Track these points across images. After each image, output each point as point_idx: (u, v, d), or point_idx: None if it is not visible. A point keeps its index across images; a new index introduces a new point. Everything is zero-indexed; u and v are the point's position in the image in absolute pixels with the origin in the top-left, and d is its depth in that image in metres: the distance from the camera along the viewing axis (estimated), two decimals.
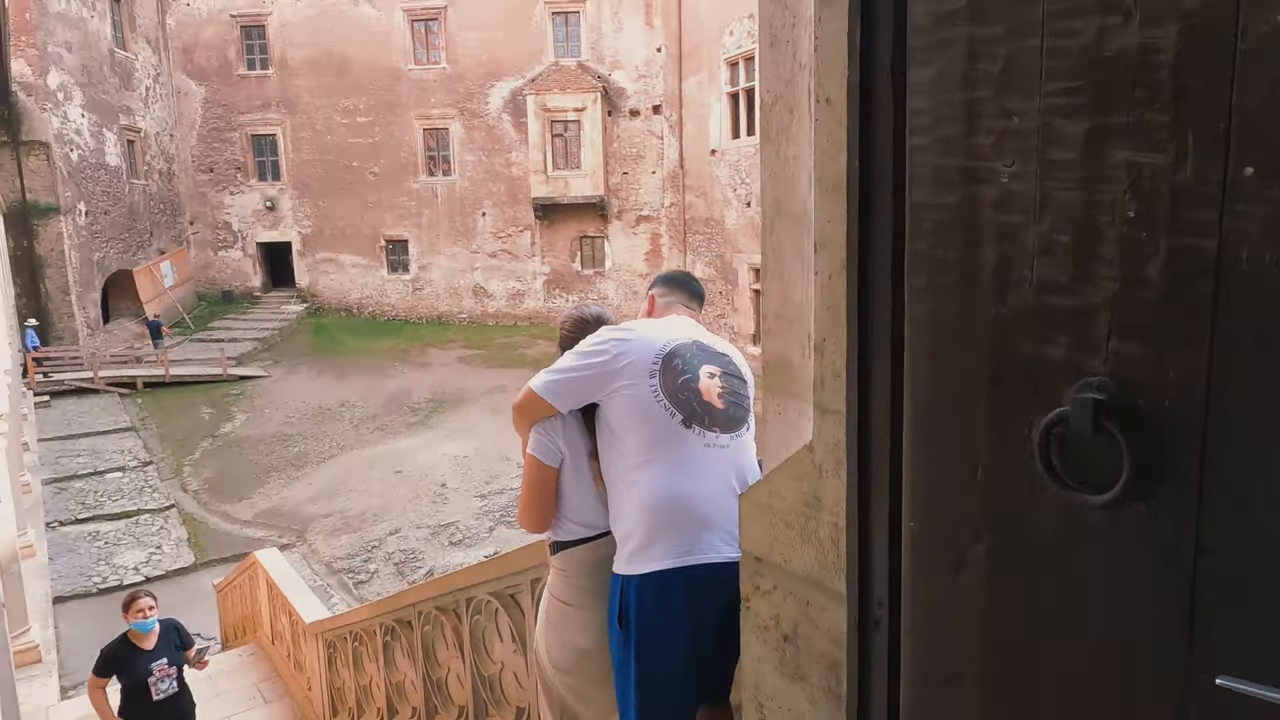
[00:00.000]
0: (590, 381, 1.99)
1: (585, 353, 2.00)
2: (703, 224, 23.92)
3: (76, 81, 22.72)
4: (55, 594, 10.81)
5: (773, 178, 1.37)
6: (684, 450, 1.92)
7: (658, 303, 2.32)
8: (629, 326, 2.10)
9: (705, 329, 2.23)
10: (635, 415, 1.95)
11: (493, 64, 26.38)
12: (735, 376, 2.09)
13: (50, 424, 18.31)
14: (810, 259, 1.25)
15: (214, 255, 28.95)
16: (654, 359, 1.98)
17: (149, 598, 4.93)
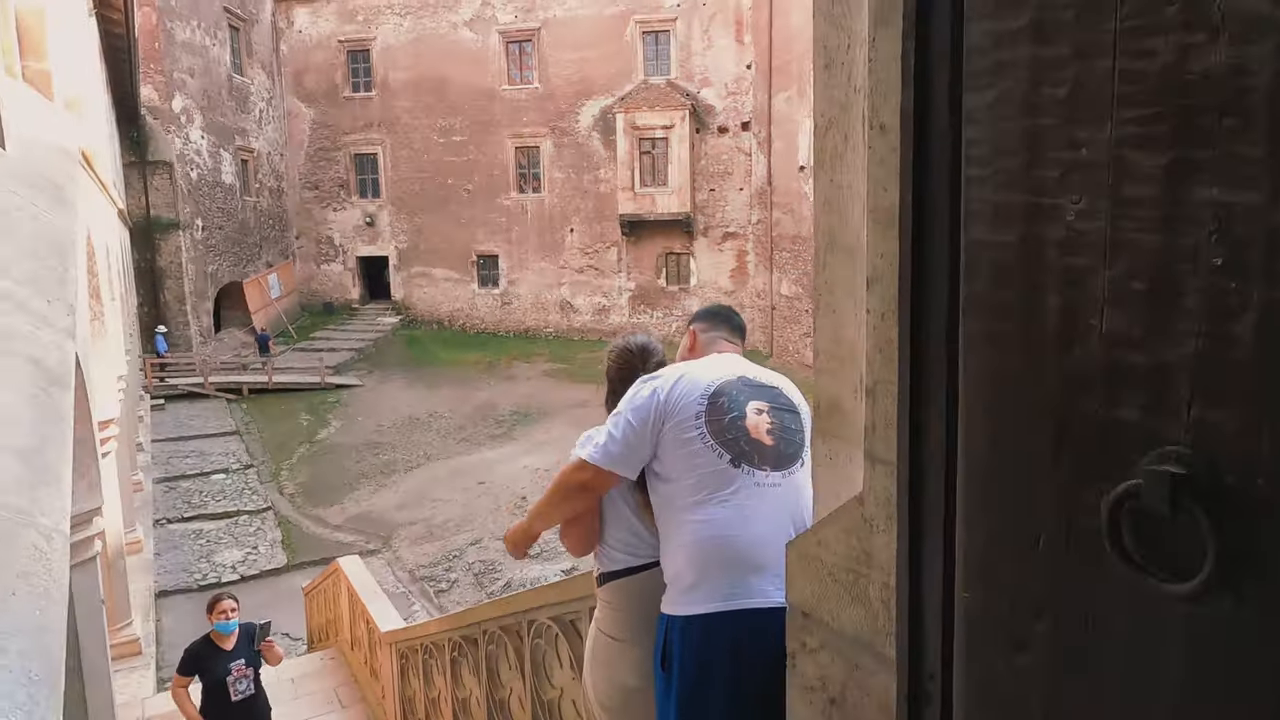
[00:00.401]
0: (649, 436, 1.94)
1: (635, 407, 1.95)
2: (790, 241, 23.61)
3: (198, 105, 24.26)
4: (159, 588, 11.43)
5: (826, 207, 1.29)
6: (733, 491, 1.85)
7: (699, 338, 2.26)
8: (671, 370, 2.04)
9: (750, 362, 2.16)
10: (682, 459, 1.89)
11: (583, 83, 26.82)
12: (785, 410, 2.01)
13: (164, 426, 19.46)
14: (862, 296, 1.16)
15: (317, 268, 30.33)
16: (699, 400, 1.93)
17: (231, 599, 5.12)
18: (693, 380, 1.96)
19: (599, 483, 1.98)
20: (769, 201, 24.67)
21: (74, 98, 6.77)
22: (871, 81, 1.11)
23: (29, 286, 2.80)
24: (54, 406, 2.41)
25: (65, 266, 3.09)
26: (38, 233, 3.12)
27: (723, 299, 26.41)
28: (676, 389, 1.94)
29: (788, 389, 2.08)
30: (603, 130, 26.83)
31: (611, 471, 1.94)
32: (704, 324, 2.29)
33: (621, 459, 1.93)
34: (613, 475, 1.95)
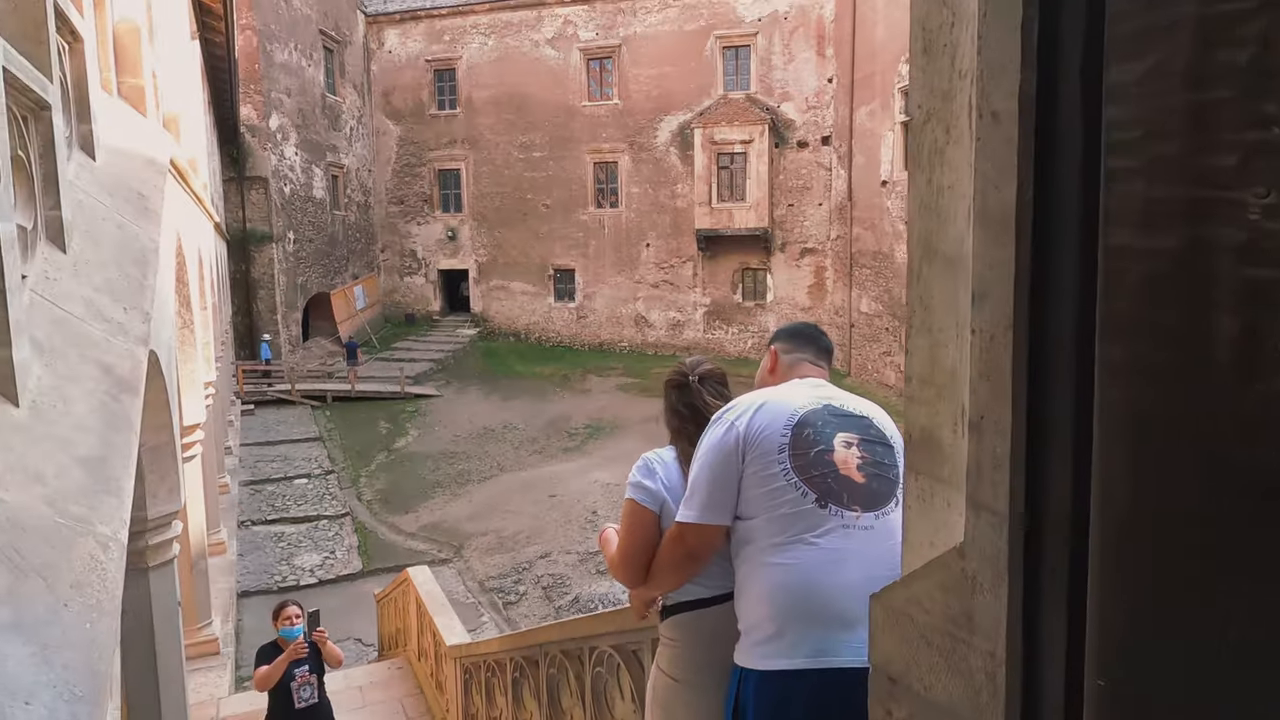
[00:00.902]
0: (734, 475, 1.78)
1: (711, 448, 1.80)
2: (870, 257, 23.06)
3: (293, 123, 25.30)
4: (241, 589, 11.78)
5: (923, 210, 1.12)
6: (820, 534, 1.67)
7: (781, 360, 2.09)
8: (749, 398, 1.87)
9: (836, 387, 1.98)
10: (764, 497, 1.73)
11: (662, 98, 26.89)
12: (877, 443, 1.81)
13: (252, 430, 20.22)
14: (967, 313, 0.99)
15: (400, 280, 31.18)
16: (782, 431, 1.75)
17: (295, 606, 5.17)
18: (774, 409, 1.79)
19: (704, 541, 1.80)
20: (849, 217, 24.17)
21: (172, 114, 7.08)
22: (981, 63, 0.95)
23: (107, 294, 2.84)
24: (122, 414, 2.42)
25: (144, 275, 3.14)
26: (121, 241, 3.17)
27: (799, 315, 25.99)
28: (757, 420, 1.78)
29: (879, 418, 1.88)
30: (680, 145, 26.82)
31: (715, 525, 1.77)
32: (786, 344, 2.11)
33: (715, 507, 1.77)
34: (717, 529, 1.78)
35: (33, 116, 2.68)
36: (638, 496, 2.00)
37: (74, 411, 2.26)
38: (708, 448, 1.80)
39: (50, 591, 1.78)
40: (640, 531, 1.96)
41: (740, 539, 1.78)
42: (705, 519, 1.77)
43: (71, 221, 2.90)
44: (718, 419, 1.84)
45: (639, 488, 2.01)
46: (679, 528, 1.81)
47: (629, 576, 1.99)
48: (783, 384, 1.96)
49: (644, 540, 1.94)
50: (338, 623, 11.24)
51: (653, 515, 1.97)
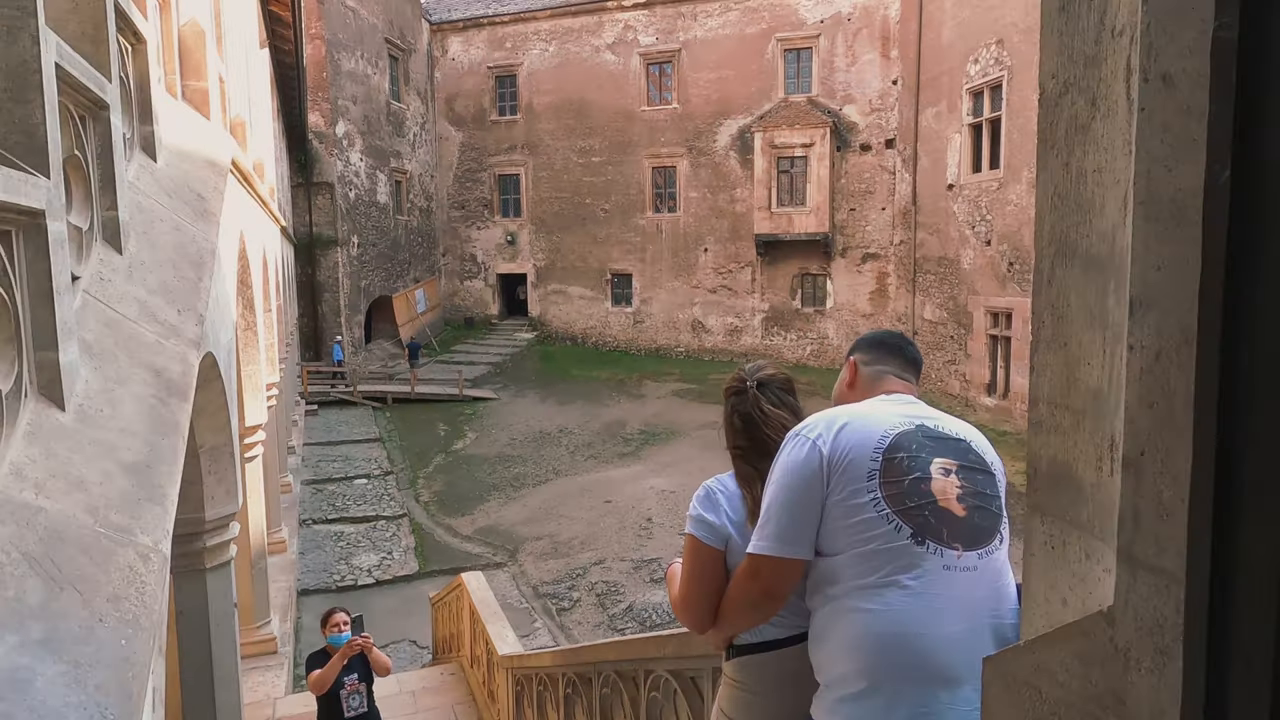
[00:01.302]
0: (817, 501, 1.55)
1: (790, 468, 1.58)
2: (935, 263, 22.44)
3: (358, 130, 25.84)
4: (301, 587, 11.96)
5: (1057, 201, 0.94)
6: (916, 575, 1.46)
7: (862, 373, 1.85)
8: (830, 416, 1.64)
9: (926, 404, 1.76)
10: (849, 531, 1.52)
11: (722, 102, 26.68)
12: (978, 470, 1.59)
13: (315, 430, 20.64)
14: (1121, 324, 0.81)
15: (460, 284, 31.59)
16: (872, 455, 1.54)
17: (343, 613, 5.12)
18: (861, 429, 1.58)
19: (781, 578, 1.58)
20: (913, 221, 23.58)
21: (239, 119, 7.20)
22: (1146, 13, 0.77)
23: (161, 296, 2.80)
24: (170, 418, 2.36)
25: (200, 277, 3.10)
26: (178, 243, 3.15)
27: (860, 322, 25.48)
28: (842, 440, 1.56)
29: (977, 441, 1.66)
30: (740, 149, 26.56)
31: (793, 559, 1.56)
32: (868, 354, 1.88)
33: (794, 538, 1.55)
34: (796, 563, 1.57)
35: (91, 116, 2.65)
36: (699, 533, 1.79)
37: (121, 415, 2.21)
38: (785, 468, 1.59)
39: (86, 606, 1.71)
40: (703, 572, 1.76)
41: (819, 577, 1.57)
42: (783, 551, 1.56)
43: (128, 223, 2.87)
44: (795, 436, 1.63)
45: (700, 522, 1.80)
46: (752, 562, 1.60)
47: (694, 620, 1.80)
48: (865, 400, 1.75)
49: (708, 581, 1.75)
50: (393, 624, 11.33)
51: (717, 553, 1.76)
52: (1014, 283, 18.55)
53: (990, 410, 18.87)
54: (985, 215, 19.60)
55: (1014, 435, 16.43)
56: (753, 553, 1.60)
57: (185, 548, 4.53)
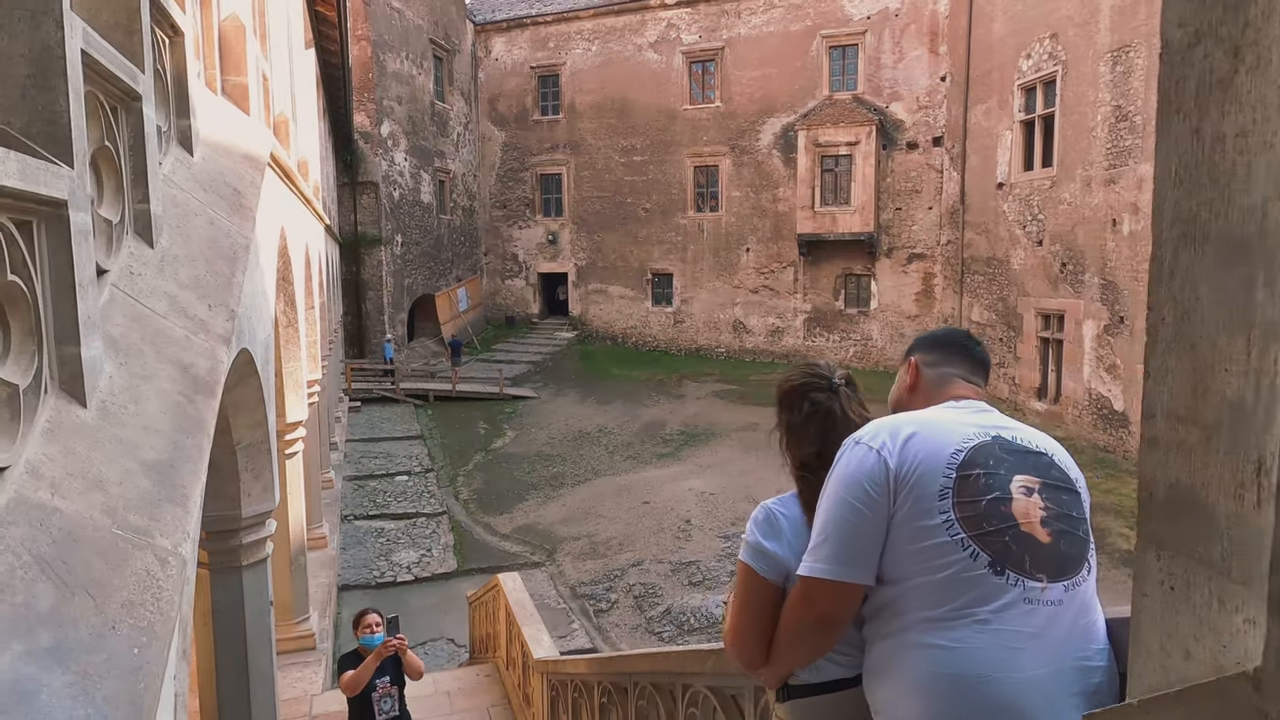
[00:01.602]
0: (882, 518, 1.38)
1: (850, 477, 1.40)
2: (983, 264, 21.91)
3: (403, 130, 26.10)
4: (342, 582, 12.05)
5: (1184, 173, 0.79)
6: (995, 610, 1.29)
7: (924, 374, 1.66)
8: (893, 423, 1.46)
9: (1000, 412, 1.58)
10: (917, 556, 1.34)
11: (765, 100, 26.40)
12: (1063, 488, 1.41)
13: (358, 427, 20.87)
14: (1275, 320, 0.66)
15: (501, 283, 31.75)
16: (944, 471, 1.36)
17: (375, 614, 5.06)
18: (931, 440, 1.40)
19: (839, 604, 1.40)
20: (961, 221, 23.06)
21: (282, 116, 7.23)
22: None
23: (192, 290, 2.74)
24: (196, 416, 2.29)
25: (233, 271, 3.05)
26: (211, 237, 3.10)
27: (905, 324, 25.01)
28: (910, 452, 1.38)
29: (1059, 455, 1.47)
30: (783, 148, 26.24)
31: (852, 584, 1.39)
32: (930, 354, 1.68)
33: (854, 560, 1.38)
34: (855, 589, 1.40)
35: (123, 107, 2.60)
36: (755, 563, 1.59)
37: (145, 413, 2.14)
38: (845, 479, 1.41)
39: (98, 612, 1.63)
40: (758, 607, 1.57)
41: (880, 606, 1.40)
42: (841, 574, 1.38)
43: (161, 216, 2.82)
44: (855, 444, 1.45)
45: (757, 552, 1.59)
46: (805, 586, 1.43)
47: (745, 657, 1.61)
48: (931, 407, 1.56)
49: (761, 617, 1.56)
50: (431, 621, 11.35)
51: (774, 588, 1.56)
52: (1066, 284, 18.00)
53: (1040, 415, 18.35)
54: (1037, 214, 19.06)
55: (1065, 442, 15.92)
56: (805, 575, 1.43)
57: (221, 544, 4.52)
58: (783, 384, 1.78)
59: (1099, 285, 16.82)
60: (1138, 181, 15.44)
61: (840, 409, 1.69)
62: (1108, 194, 16.39)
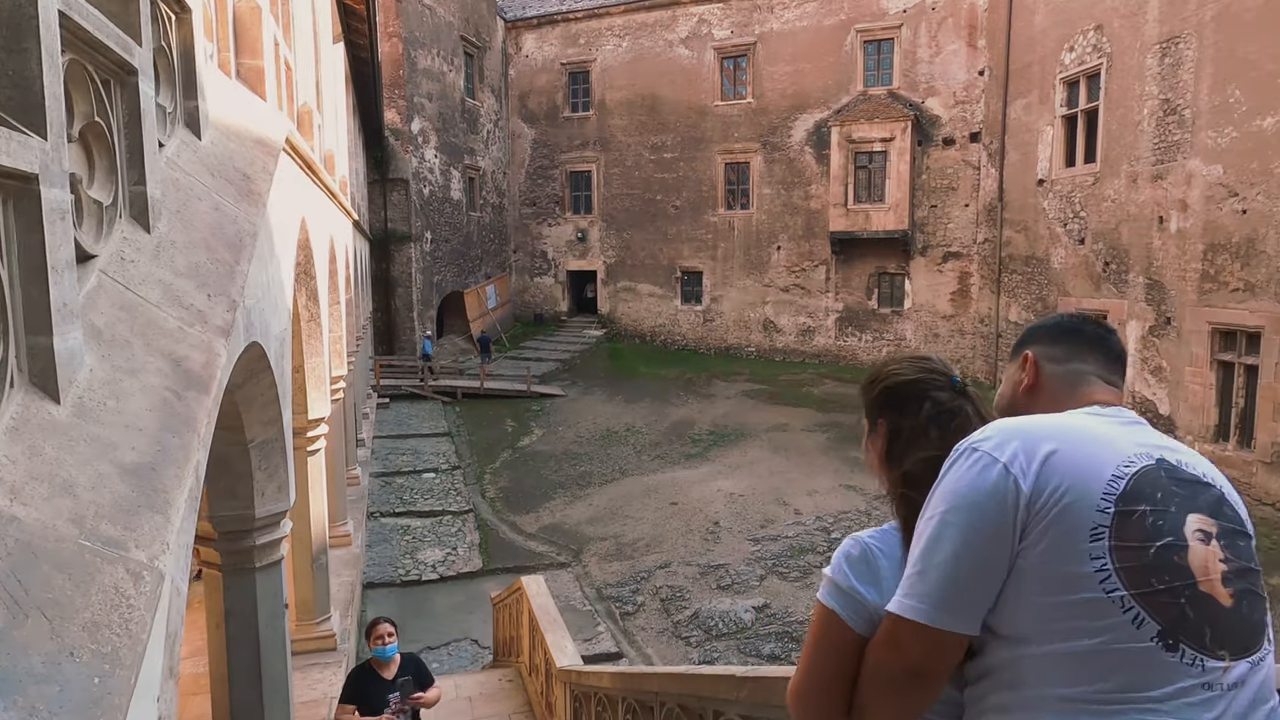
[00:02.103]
0: (998, 549, 1.08)
1: (967, 495, 1.10)
2: (1022, 263, 21.36)
3: (433, 127, 26.10)
4: (367, 580, 11.97)
5: None
6: (1164, 699, 1.00)
7: (1048, 373, 1.34)
8: (1023, 431, 1.14)
9: (1152, 428, 1.24)
10: (1056, 613, 1.05)
11: (797, 96, 26.01)
12: (1238, 532, 1.11)
13: (386, 423, 20.87)
14: None
15: (530, 281, 31.69)
16: (1099, 504, 1.06)
17: (388, 624, 4.87)
18: (1081, 460, 1.09)
19: (935, 655, 1.11)
20: (999, 219, 22.51)
21: (305, 107, 7.11)
22: None
23: (190, 279, 2.57)
24: (185, 414, 2.10)
25: (237, 260, 2.87)
26: (215, 223, 2.93)
27: (940, 324, 24.51)
28: (1051, 473, 1.08)
29: (1226, 487, 1.15)
30: (816, 145, 25.84)
31: (953, 633, 1.10)
32: (1055, 347, 1.36)
33: (960, 603, 1.10)
34: (955, 639, 1.11)
35: (116, 82, 2.43)
36: (842, 608, 1.28)
37: (127, 410, 1.96)
38: (958, 497, 1.11)
39: (54, 636, 1.44)
40: (836, 662, 1.26)
41: (994, 670, 1.11)
42: (940, 620, 1.09)
43: (160, 200, 2.65)
44: (971, 451, 1.14)
45: (846, 595, 1.29)
46: (893, 626, 1.15)
47: (812, 716, 1.29)
48: (1065, 414, 1.23)
49: (839, 675, 1.26)
50: (455, 621, 11.23)
51: (857, 639, 1.26)
52: (1109, 284, 17.44)
53: None
54: (1079, 212, 18.51)
55: None
56: (895, 613, 1.15)
57: (234, 545, 4.37)
58: (884, 378, 1.44)
59: (1144, 285, 16.26)
60: (1187, 177, 14.89)
61: (975, 412, 1.37)
62: (1154, 190, 15.84)
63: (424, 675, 4.97)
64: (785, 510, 14.53)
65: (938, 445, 1.30)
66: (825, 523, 13.83)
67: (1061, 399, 1.30)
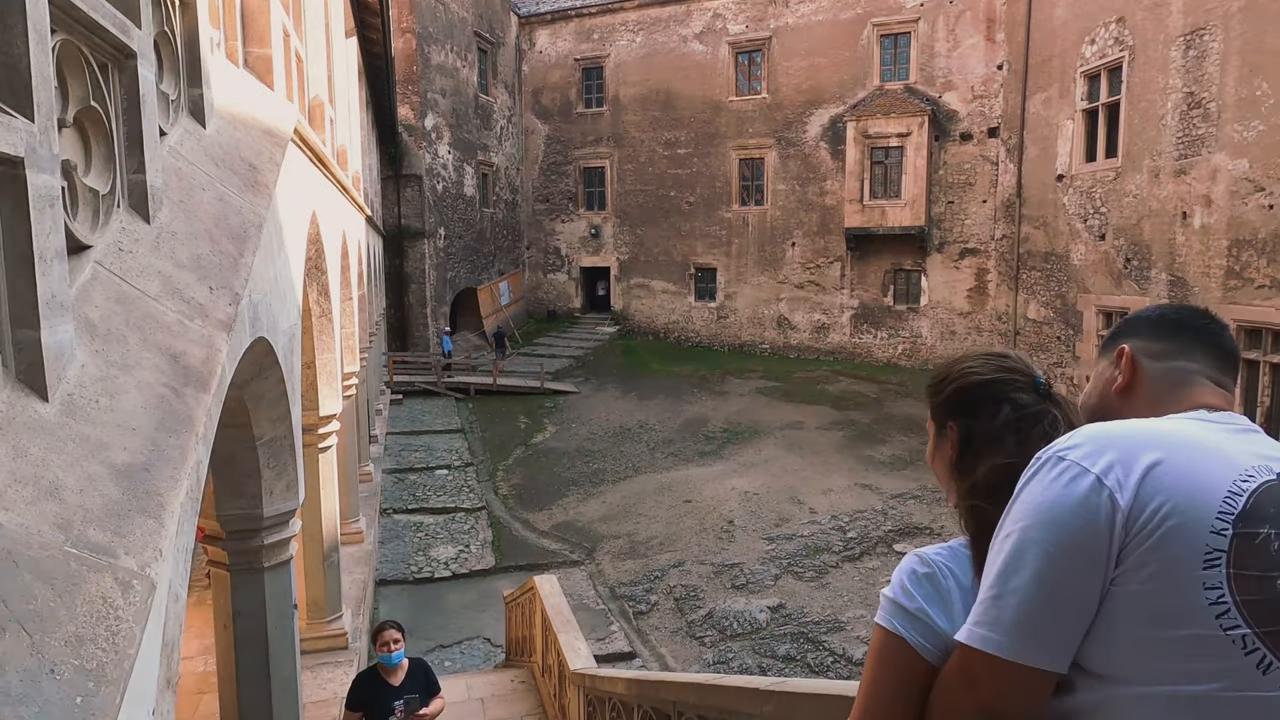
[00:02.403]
0: (1088, 573, 0.94)
1: (1052, 512, 0.96)
2: (1040, 259, 21.08)
3: (447, 123, 26.05)
4: (380, 577, 11.92)
5: None
6: None
7: (1148, 371, 1.18)
8: (1130, 436, 0.99)
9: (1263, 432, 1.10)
10: (1162, 652, 0.91)
11: (813, 91, 25.78)
12: None
13: (399, 420, 20.85)
14: None
15: (543, 277, 31.61)
16: (1214, 525, 0.91)
17: (395, 630, 4.74)
18: (1190, 473, 0.95)
19: (1014, 694, 0.97)
20: (1017, 215, 22.23)
21: (317, 100, 7.02)
22: None
23: (192, 271, 2.47)
24: (182, 412, 2.00)
25: (241, 252, 2.77)
26: (219, 214, 2.83)
27: (957, 321, 24.26)
28: (1155, 488, 0.93)
29: None
30: (831, 140, 25.60)
31: (1039, 670, 0.95)
32: (1155, 342, 1.20)
33: (1051, 635, 0.95)
34: (1041, 677, 0.96)
35: (114, 65, 2.33)
36: (907, 630, 1.14)
37: (121, 408, 1.86)
38: (1043, 512, 0.97)
39: (34, 652, 1.34)
40: (900, 692, 1.12)
41: (1083, 713, 0.96)
42: (1024, 654, 0.95)
43: (160, 189, 2.55)
44: (1057, 460, 0.99)
45: (911, 618, 1.14)
46: (968, 660, 1.00)
47: None
48: (1166, 419, 1.07)
49: (905, 707, 1.11)
50: (468, 619, 11.16)
51: (927, 669, 1.11)
52: (1130, 280, 17.16)
53: None
54: (1099, 207, 18.22)
55: None
56: (967, 644, 1.00)
57: (242, 545, 4.29)
58: (956, 378, 1.29)
59: (1166, 282, 15.98)
60: (1211, 172, 14.61)
61: (1063, 419, 1.22)
62: (1178, 185, 15.55)
63: (431, 682, 4.85)
64: (800, 509, 14.38)
65: (1015, 453, 1.16)
66: (841, 522, 13.67)
67: (1162, 401, 1.15)
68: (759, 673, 9.61)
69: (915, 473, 16.04)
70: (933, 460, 1.33)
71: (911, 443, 17.96)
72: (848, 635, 10.38)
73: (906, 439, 18.26)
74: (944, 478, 1.29)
